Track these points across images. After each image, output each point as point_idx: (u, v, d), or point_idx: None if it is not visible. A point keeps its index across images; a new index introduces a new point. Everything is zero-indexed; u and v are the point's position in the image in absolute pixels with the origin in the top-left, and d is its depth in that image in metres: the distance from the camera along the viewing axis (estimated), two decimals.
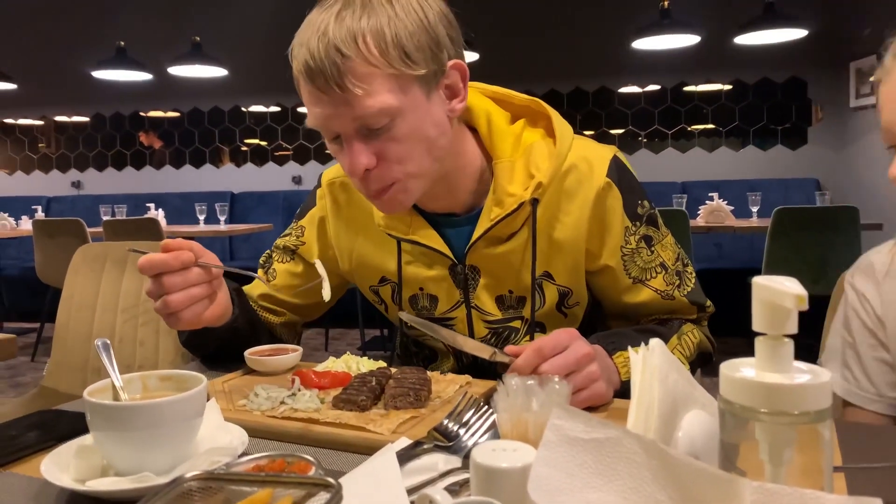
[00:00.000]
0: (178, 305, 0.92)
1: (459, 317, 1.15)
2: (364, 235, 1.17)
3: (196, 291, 0.94)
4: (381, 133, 0.92)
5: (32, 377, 4.35)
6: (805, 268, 3.65)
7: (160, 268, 0.91)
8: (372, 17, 0.89)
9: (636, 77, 6.00)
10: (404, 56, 0.90)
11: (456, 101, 0.99)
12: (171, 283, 0.92)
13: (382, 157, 0.94)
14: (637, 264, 1.09)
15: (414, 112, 0.93)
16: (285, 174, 6.66)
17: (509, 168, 1.05)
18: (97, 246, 2.04)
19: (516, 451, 0.54)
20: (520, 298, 1.12)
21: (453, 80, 0.98)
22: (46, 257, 4.48)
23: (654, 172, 5.85)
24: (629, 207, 1.08)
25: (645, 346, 0.63)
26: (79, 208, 6.38)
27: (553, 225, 1.07)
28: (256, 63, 6.34)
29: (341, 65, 0.88)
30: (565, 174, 1.06)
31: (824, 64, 5.55)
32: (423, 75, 0.92)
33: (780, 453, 0.50)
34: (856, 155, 5.41)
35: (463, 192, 1.09)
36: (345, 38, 0.88)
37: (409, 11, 0.91)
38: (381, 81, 0.89)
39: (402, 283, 1.15)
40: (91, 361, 1.90)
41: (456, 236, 1.10)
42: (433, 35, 0.93)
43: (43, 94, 6.87)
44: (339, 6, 0.91)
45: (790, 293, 0.47)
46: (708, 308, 1.17)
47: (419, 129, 0.94)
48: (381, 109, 0.90)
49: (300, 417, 0.85)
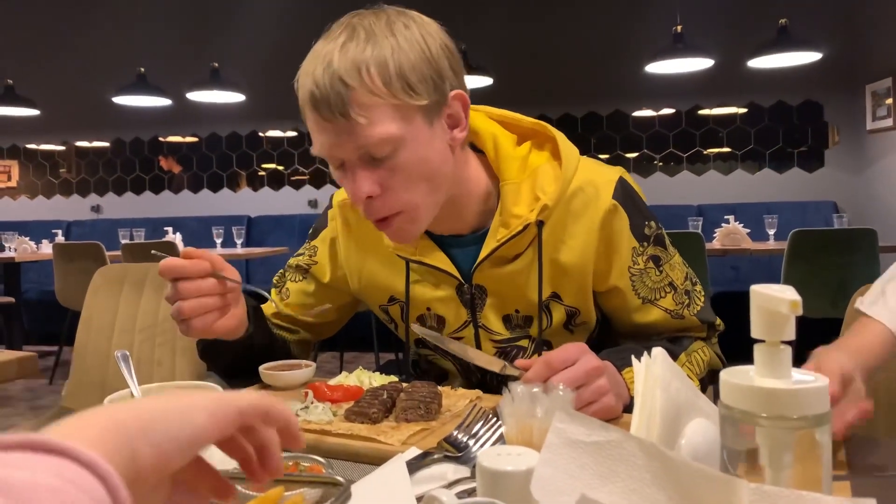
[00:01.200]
0: (189, 313, 0.95)
1: (467, 336, 1.16)
2: (373, 255, 1.19)
3: (208, 301, 0.96)
4: (384, 162, 0.94)
5: (51, 400, 4.39)
6: (824, 291, 3.61)
7: (178, 272, 0.94)
8: (375, 49, 0.92)
9: (650, 100, 6.03)
10: (407, 87, 0.92)
11: (457, 130, 1.01)
12: (185, 289, 0.94)
13: (386, 186, 0.96)
14: (646, 284, 1.10)
15: (416, 141, 0.95)
16: (301, 198, 6.73)
17: (515, 190, 1.07)
18: (116, 267, 2.08)
19: (521, 455, 0.55)
20: (526, 318, 1.13)
21: (455, 109, 1.00)
22: (66, 281, 4.54)
23: (670, 195, 5.85)
24: (636, 228, 1.09)
25: (648, 355, 0.64)
26: (98, 232, 6.47)
27: (559, 248, 1.08)
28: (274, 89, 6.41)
29: (345, 94, 0.90)
30: (571, 197, 1.07)
31: (839, 87, 5.56)
32: (425, 105, 0.95)
33: (780, 458, 0.51)
34: (873, 177, 5.39)
35: (469, 215, 1.10)
36: (349, 69, 0.91)
37: (412, 43, 0.94)
38: (383, 111, 0.92)
39: (409, 302, 1.17)
40: (110, 381, 1.93)
41: (463, 256, 1.12)
42: (435, 66, 0.95)
43: (65, 119, 7.01)
44: (344, 38, 0.93)
45: (784, 298, 0.48)
46: (718, 326, 1.18)
47: (422, 158, 0.96)
48: (384, 138, 0.92)
49: (313, 429, 0.87)
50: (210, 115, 6.67)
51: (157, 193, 7.06)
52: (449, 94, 0.98)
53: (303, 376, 1.11)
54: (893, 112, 5.02)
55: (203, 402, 0.39)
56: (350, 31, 0.93)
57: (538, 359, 0.91)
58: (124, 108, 6.12)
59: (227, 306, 1.00)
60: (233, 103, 5.99)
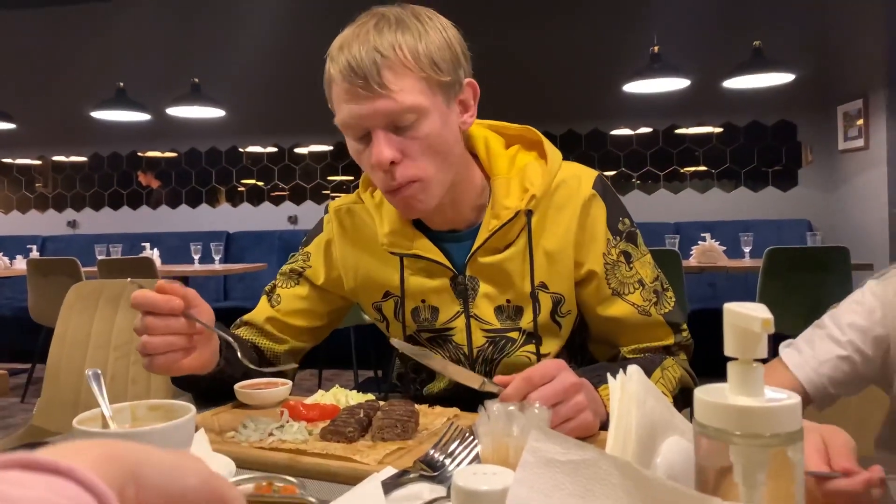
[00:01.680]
0: (152, 349, 0.94)
1: (459, 326, 1.20)
2: (368, 254, 1.24)
3: (174, 340, 0.95)
4: (407, 130, 1.03)
5: (23, 418, 4.31)
6: (799, 308, 3.64)
7: (148, 307, 0.93)
8: (406, 33, 1.02)
9: (628, 120, 6.09)
10: (433, 64, 1.03)
11: (467, 115, 1.12)
12: (153, 325, 0.93)
13: (406, 154, 1.04)
14: (616, 277, 1.17)
15: (437, 114, 1.04)
16: (281, 214, 6.70)
17: (505, 184, 1.16)
18: (91, 283, 2.05)
19: (496, 474, 0.55)
20: (517, 308, 1.18)
21: (466, 95, 1.11)
22: (40, 297, 4.47)
23: (647, 213, 5.90)
24: (611, 221, 1.17)
25: (623, 372, 0.64)
26: (74, 248, 6.39)
27: (546, 236, 1.16)
28: (254, 104, 6.44)
29: (381, 64, 0.99)
30: (556, 189, 1.16)
31: (812, 107, 5.66)
32: (447, 82, 1.05)
33: (753, 475, 0.51)
34: (846, 196, 5.48)
35: (465, 207, 1.18)
36: (384, 45, 1.01)
37: (435, 30, 1.05)
38: (412, 83, 1.01)
39: (405, 295, 1.21)
40: (83, 399, 1.90)
41: (457, 250, 1.18)
42: (454, 52, 1.07)
43: (42, 134, 6.95)
44: (375, 21, 1.03)
45: (757, 317, 0.48)
46: (684, 331, 1.21)
47: (440, 131, 1.05)
48: (412, 106, 1.01)
49: (288, 448, 0.86)
50: (190, 131, 6.64)
51: (135, 209, 7.00)
52: (464, 81, 1.09)
53: (279, 394, 1.10)
54: (864, 133, 5.11)
55: (197, 467, 0.39)
56: (379, 17, 1.04)
57: (517, 375, 0.92)
58: (103, 122, 6.07)
59: (194, 348, 0.98)
60: (213, 118, 5.97)
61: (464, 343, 1.20)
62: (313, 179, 6.66)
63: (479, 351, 1.19)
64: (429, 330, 1.22)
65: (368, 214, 1.23)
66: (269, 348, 1.29)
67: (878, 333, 1.03)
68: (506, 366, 1.19)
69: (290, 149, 6.66)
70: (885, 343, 1.03)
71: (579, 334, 1.25)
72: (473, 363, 1.21)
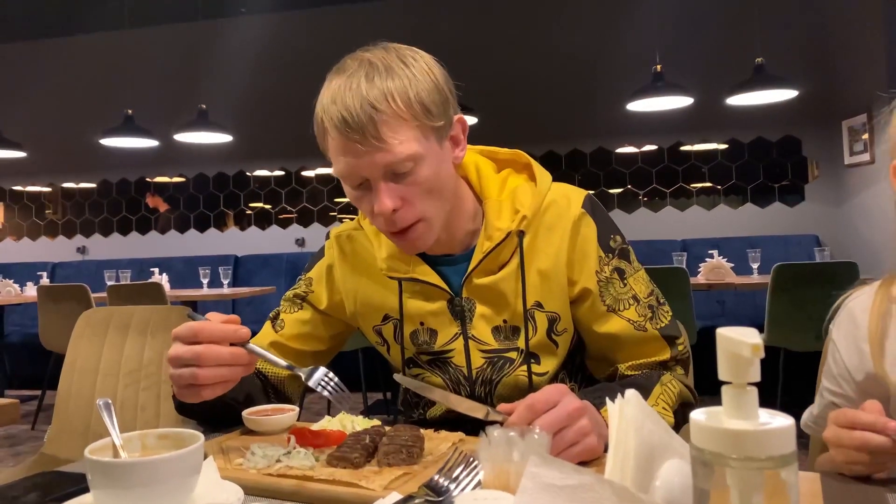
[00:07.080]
0: (204, 380, 0.98)
1: (458, 348, 1.21)
2: (367, 278, 1.26)
3: (226, 372, 1.00)
4: (405, 177, 1.05)
5: (32, 446, 4.32)
6: (809, 324, 3.63)
7: (215, 338, 0.98)
8: (396, 80, 1.03)
9: (633, 138, 6.12)
10: (426, 110, 1.04)
11: (458, 149, 1.14)
12: (207, 355, 0.98)
13: (406, 199, 1.06)
14: (611, 294, 1.18)
15: (432, 157, 1.07)
16: (289, 237, 6.75)
17: (497, 207, 1.19)
18: (101, 311, 2.07)
19: (497, 499, 0.56)
20: (514, 328, 1.19)
21: (457, 131, 1.13)
22: (50, 323, 4.50)
23: (654, 231, 5.91)
24: (602, 239, 1.19)
25: (621, 396, 0.65)
26: (84, 274, 6.43)
27: (538, 256, 1.18)
28: (261, 129, 6.51)
29: (377, 118, 1.01)
30: (546, 209, 1.19)
31: (817, 122, 5.67)
32: (439, 126, 1.07)
33: (749, 498, 0.52)
34: (853, 211, 5.47)
35: (460, 233, 1.20)
36: (377, 96, 1.01)
37: (423, 73, 1.06)
38: (407, 132, 1.03)
39: (403, 318, 1.23)
40: (93, 427, 1.91)
41: (453, 273, 1.20)
42: (443, 94, 1.08)
43: (51, 161, 7.03)
44: (364, 70, 1.04)
45: (746, 342, 0.49)
46: (680, 345, 1.21)
47: (436, 173, 1.07)
48: (409, 156, 1.03)
49: (295, 475, 0.87)
50: (197, 156, 6.70)
51: (144, 234, 7.05)
52: (454, 119, 1.11)
53: (286, 420, 1.11)
54: (870, 147, 5.12)
55: None
56: (368, 65, 1.04)
57: (520, 402, 0.92)
58: (111, 149, 6.14)
59: (236, 379, 1.04)
60: (220, 143, 6.03)
61: (463, 365, 1.21)
62: (320, 202, 6.70)
63: (478, 371, 1.21)
64: (428, 352, 1.23)
65: (368, 240, 1.26)
66: (274, 374, 1.31)
67: (847, 392, 1.09)
68: (505, 385, 1.20)
69: (297, 172, 6.71)
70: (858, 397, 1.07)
71: (578, 354, 1.26)
72: (473, 384, 1.22)
